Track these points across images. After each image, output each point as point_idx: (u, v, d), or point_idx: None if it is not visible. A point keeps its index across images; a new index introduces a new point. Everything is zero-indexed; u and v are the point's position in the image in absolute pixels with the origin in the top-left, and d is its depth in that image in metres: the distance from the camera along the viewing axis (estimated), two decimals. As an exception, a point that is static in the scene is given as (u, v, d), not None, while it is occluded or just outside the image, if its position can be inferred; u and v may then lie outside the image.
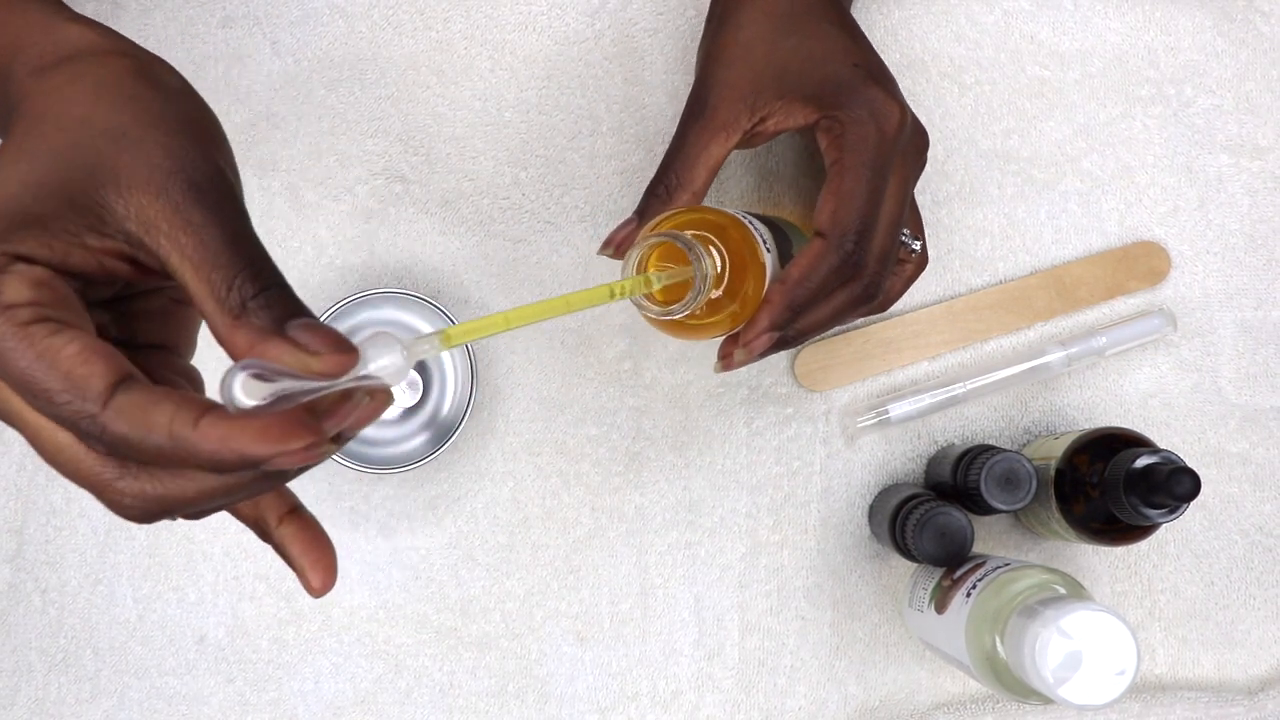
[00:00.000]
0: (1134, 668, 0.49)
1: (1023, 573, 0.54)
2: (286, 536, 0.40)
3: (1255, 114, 0.68)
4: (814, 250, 0.51)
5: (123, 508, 0.36)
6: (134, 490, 0.36)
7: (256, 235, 0.38)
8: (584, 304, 0.42)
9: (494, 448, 0.66)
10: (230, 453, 0.33)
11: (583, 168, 0.66)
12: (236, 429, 0.33)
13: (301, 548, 0.40)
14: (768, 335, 0.50)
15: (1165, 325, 0.66)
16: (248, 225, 0.38)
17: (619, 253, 0.54)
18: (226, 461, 0.33)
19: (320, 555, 0.40)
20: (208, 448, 0.33)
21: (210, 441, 0.33)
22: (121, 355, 0.35)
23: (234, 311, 0.35)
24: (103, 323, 0.40)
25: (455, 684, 0.65)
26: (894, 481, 0.66)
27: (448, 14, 0.67)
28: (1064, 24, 0.68)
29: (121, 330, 0.41)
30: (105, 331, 0.40)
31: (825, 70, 0.53)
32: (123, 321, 0.41)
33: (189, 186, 0.37)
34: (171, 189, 0.37)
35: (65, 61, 0.40)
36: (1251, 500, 0.67)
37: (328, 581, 0.39)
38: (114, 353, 0.35)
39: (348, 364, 0.34)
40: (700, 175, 0.54)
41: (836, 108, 0.52)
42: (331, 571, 0.40)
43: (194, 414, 0.33)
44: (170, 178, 0.37)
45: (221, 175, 0.38)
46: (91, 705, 0.65)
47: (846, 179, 0.51)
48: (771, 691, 0.65)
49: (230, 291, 0.36)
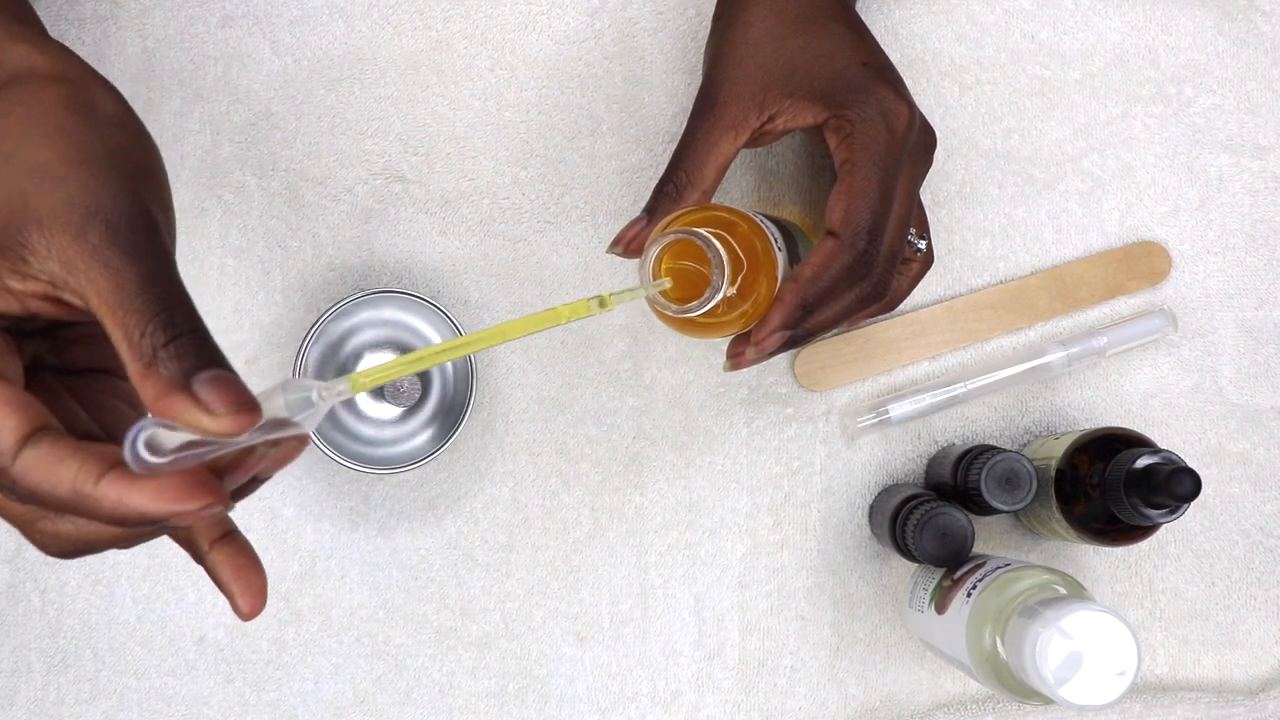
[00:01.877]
0: (1135, 668, 0.48)
1: (1023, 573, 0.54)
2: (218, 561, 0.40)
3: (1256, 113, 0.68)
4: (826, 249, 0.51)
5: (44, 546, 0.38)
6: (52, 530, 0.37)
7: (178, 277, 0.37)
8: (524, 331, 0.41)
9: (494, 448, 0.66)
10: (128, 510, 0.34)
11: (583, 167, 0.66)
12: (134, 489, 0.34)
13: (232, 573, 0.40)
14: (780, 334, 0.51)
15: (1166, 325, 0.66)
16: (168, 267, 0.37)
17: (628, 251, 0.54)
18: (126, 519, 0.34)
19: (250, 580, 0.40)
20: (106, 506, 0.34)
21: (109, 501, 0.34)
22: (39, 405, 0.36)
23: (145, 359, 0.35)
24: (38, 351, 0.40)
25: (455, 684, 0.65)
26: (894, 481, 0.66)
27: (447, 13, 0.67)
28: (1064, 23, 0.67)
29: (59, 357, 0.41)
30: (42, 360, 0.40)
31: (834, 69, 0.53)
32: (60, 348, 0.41)
33: (107, 228, 0.37)
34: (90, 230, 0.36)
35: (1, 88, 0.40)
36: (1252, 500, 0.67)
37: (256, 606, 0.40)
38: (30, 403, 0.35)
39: (247, 424, 0.34)
40: (709, 173, 0.54)
41: (846, 107, 0.52)
42: (260, 596, 0.40)
43: (96, 471, 0.34)
44: (89, 218, 0.36)
45: (144, 214, 0.38)
46: (91, 706, 0.65)
47: (857, 178, 0.51)
48: (771, 692, 0.65)
49: (143, 337, 0.35)
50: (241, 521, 0.65)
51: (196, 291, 0.65)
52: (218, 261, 0.66)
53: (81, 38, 0.66)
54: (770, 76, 0.54)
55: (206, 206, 0.66)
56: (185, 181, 0.66)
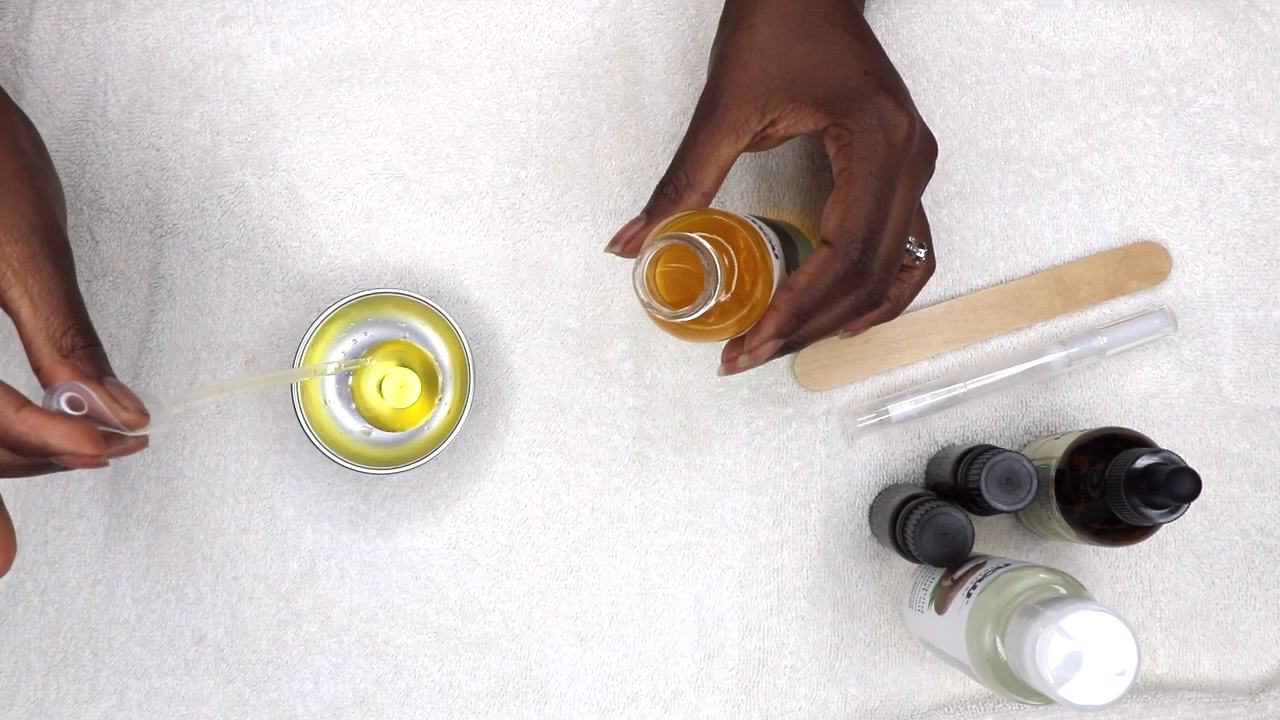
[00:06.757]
0: (1134, 668, 0.48)
1: (1023, 573, 0.54)
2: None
3: (1256, 113, 0.68)
4: (820, 258, 0.51)
5: None
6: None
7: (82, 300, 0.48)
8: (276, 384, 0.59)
9: (494, 448, 0.66)
10: (36, 440, 0.43)
11: (583, 167, 0.66)
12: (50, 423, 0.43)
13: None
14: (773, 342, 0.51)
15: (1166, 325, 0.66)
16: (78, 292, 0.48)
17: (626, 251, 0.54)
18: (29, 446, 0.43)
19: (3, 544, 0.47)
20: (20, 430, 0.43)
21: (26, 426, 0.43)
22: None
23: (64, 351, 0.47)
24: None
25: (455, 685, 0.65)
26: (894, 481, 0.66)
27: (448, 13, 0.67)
28: (1064, 23, 0.67)
29: None
30: None
31: (836, 76, 0.53)
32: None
33: (45, 242, 0.47)
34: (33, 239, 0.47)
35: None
36: (1252, 500, 0.67)
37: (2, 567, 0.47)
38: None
39: (143, 423, 0.46)
40: (710, 176, 0.54)
41: (846, 115, 0.52)
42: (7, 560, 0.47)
43: (15, 403, 0.43)
44: (34, 230, 0.47)
45: (66, 241, 0.49)
46: (90, 705, 0.65)
47: (854, 188, 0.51)
48: (771, 692, 0.65)
49: (64, 335, 0.47)
50: (241, 521, 0.65)
51: (197, 291, 0.65)
52: (217, 262, 0.66)
53: (81, 38, 0.66)
54: (773, 81, 0.54)
55: (206, 207, 0.66)
56: (185, 181, 0.66)
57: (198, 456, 0.65)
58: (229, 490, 0.65)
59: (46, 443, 0.43)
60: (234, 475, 0.65)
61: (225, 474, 0.65)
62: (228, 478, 0.65)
